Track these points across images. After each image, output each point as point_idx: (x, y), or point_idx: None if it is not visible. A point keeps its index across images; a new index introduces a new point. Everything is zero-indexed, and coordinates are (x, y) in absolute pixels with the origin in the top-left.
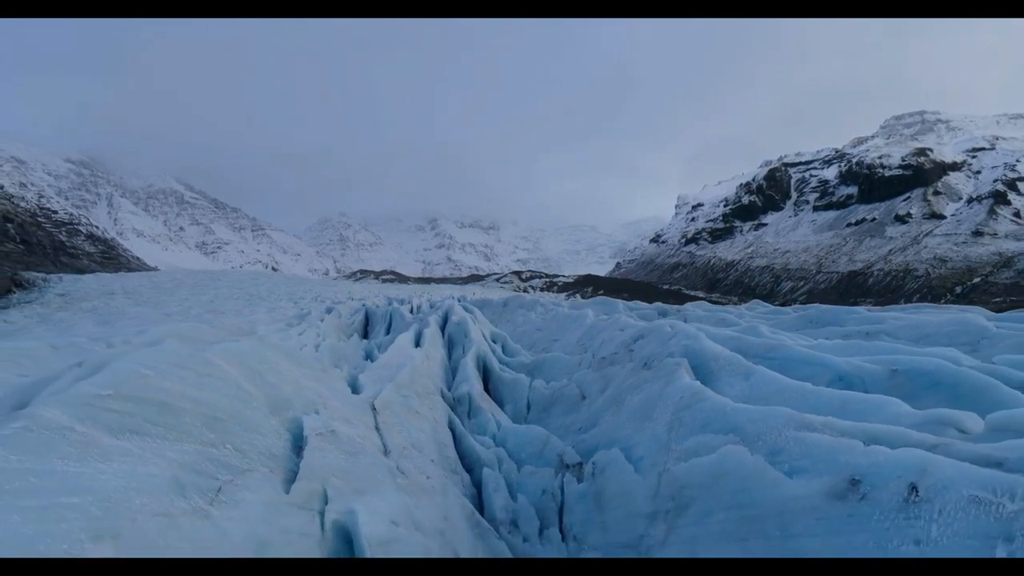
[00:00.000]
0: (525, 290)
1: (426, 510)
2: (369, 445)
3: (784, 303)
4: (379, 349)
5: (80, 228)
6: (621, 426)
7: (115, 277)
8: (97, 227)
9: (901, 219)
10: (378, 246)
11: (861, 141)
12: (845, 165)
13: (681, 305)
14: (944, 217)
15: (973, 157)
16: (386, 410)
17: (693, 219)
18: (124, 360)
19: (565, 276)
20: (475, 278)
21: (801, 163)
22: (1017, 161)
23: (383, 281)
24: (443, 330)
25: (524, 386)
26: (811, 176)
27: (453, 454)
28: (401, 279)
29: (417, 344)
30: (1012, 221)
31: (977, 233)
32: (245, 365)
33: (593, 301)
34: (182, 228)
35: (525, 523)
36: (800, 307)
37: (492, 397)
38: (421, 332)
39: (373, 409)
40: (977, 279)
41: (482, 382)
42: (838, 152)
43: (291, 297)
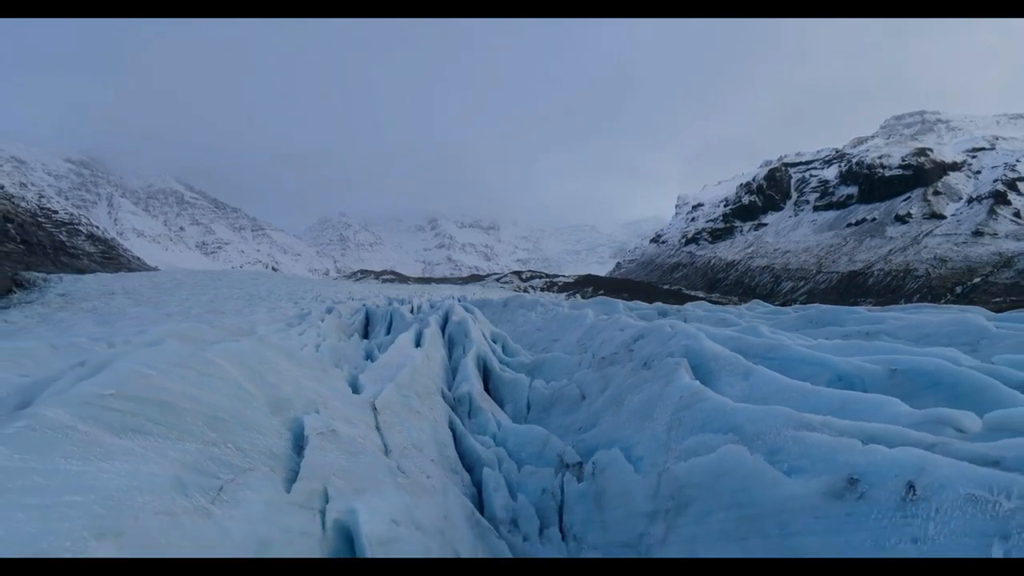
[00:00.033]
0: (525, 290)
1: (426, 509)
2: (370, 445)
3: (784, 303)
4: (379, 349)
5: (80, 228)
6: (621, 426)
7: (115, 277)
8: (97, 227)
9: (901, 219)
10: (378, 246)
11: (861, 141)
12: (845, 165)
13: (681, 305)
14: (944, 217)
15: (973, 157)
16: (386, 410)
17: (693, 219)
18: (126, 360)
19: (565, 276)
20: (475, 278)
21: (801, 163)
22: (1017, 161)
23: (383, 281)
24: (443, 330)
25: (524, 386)
26: (811, 176)
27: (453, 454)
28: (401, 279)
29: (417, 344)
30: (1012, 221)
31: (977, 233)
32: (246, 365)
33: (593, 301)
34: (182, 228)
35: (525, 522)
36: (800, 307)
37: (492, 397)
38: (421, 332)
39: (374, 409)
40: (977, 279)
41: (482, 382)
42: (838, 152)
43: (291, 297)
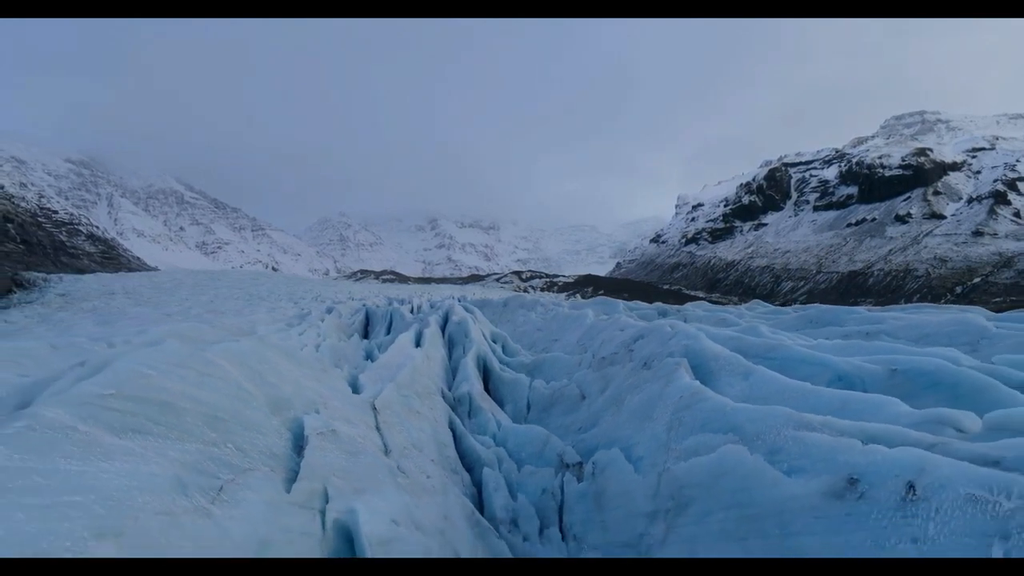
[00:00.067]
0: (525, 290)
1: (426, 509)
2: (370, 445)
3: (784, 303)
4: (379, 349)
5: (80, 228)
6: (621, 426)
7: (115, 277)
8: (97, 227)
9: (901, 219)
10: (378, 246)
11: (861, 141)
12: (845, 165)
13: (681, 305)
14: (944, 217)
15: (973, 157)
16: (386, 410)
17: (693, 219)
18: (126, 360)
19: (565, 276)
20: (475, 278)
21: (801, 163)
22: (1017, 161)
23: (383, 281)
24: (443, 330)
25: (524, 386)
26: (811, 176)
27: (453, 454)
28: (401, 279)
29: (417, 344)
30: (1012, 221)
31: (977, 233)
32: (246, 365)
33: (593, 301)
34: (182, 228)
35: (525, 522)
36: (800, 307)
37: (492, 397)
38: (421, 332)
39: (374, 409)
40: (977, 279)
41: (482, 382)
42: (838, 152)
43: (291, 297)
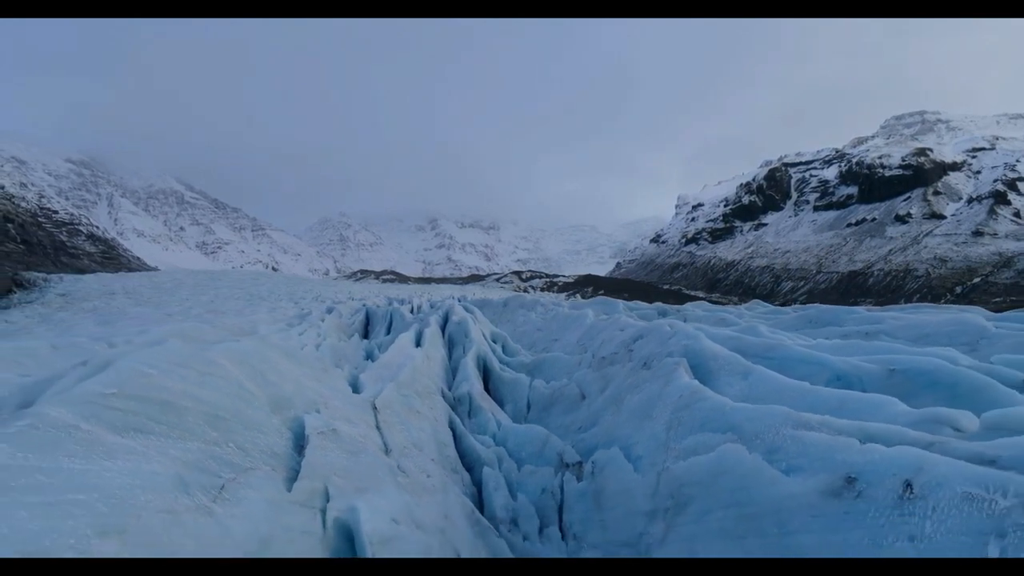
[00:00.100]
0: (525, 290)
1: (427, 508)
2: (370, 444)
3: (784, 303)
4: (380, 349)
5: (80, 228)
6: (621, 425)
7: (116, 277)
8: (97, 227)
9: (901, 219)
10: (378, 246)
11: (861, 141)
12: (845, 165)
13: (681, 305)
14: (944, 217)
15: (973, 157)
16: (387, 409)
17: (693, 219)
18: (127, 359)
19: (565, 276)
20: (475, 278)
21: (801, 163)
22: (1017, 161)
23: (383, 281)
24: (443, 330)
25: (524, 386)
26: (811, 176)
27: (453, 453)
28: (401, 279)
29: (418, 344)
30: (1012, 221)
31: (977, 233)
32: (247, 364)
33: (593, 301)
34: (182, 228)
35: (525, 522)
36: (800, 307)
37: (492, 397)
38: (422, 332)
39: (374, 408)
40: (977, 279)
41: (482, 382)
42: (838, 152)
43: (291, 297)
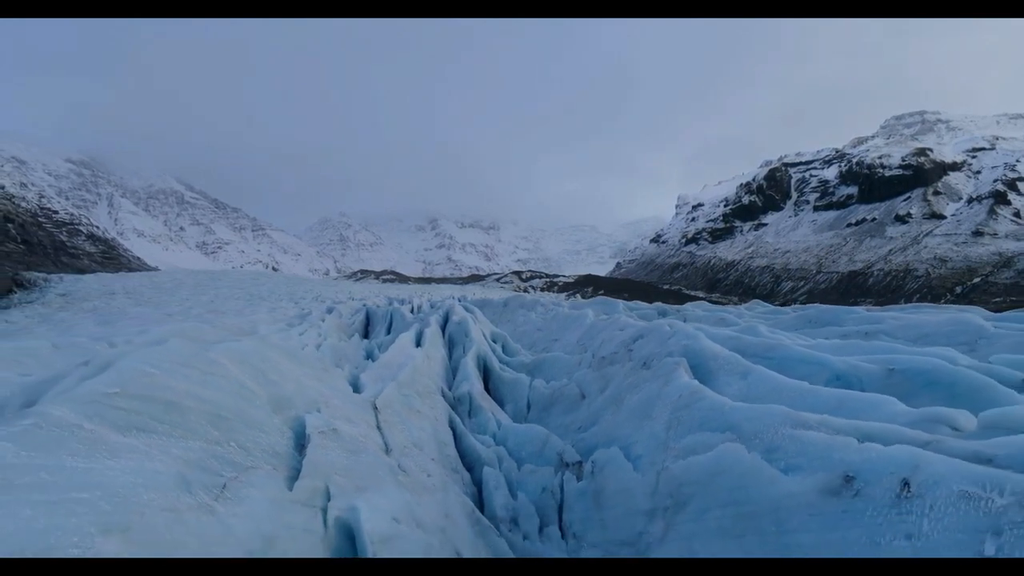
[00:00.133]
0: (525, 290)
1: (427, 507)
2: (370, 443)
3: (784, 303)
4: (380, 349)
5: (81, 228)
6: (620, 425)
7: (116, 277)
8: (98, 227)
9: (901, 219)
10: (378, 246)
11: (861, 141)
12: (845, 165)
13: (681, 305)
14: (944, 217)
15: (973, 157)
16: (387, 409)
17: (693, 219)
18: (130, 359)
19: (565, 276)
20: (475, 278)
21: (801, 163)
22: (1017, 161)
23: (383, 281)
24: (444, 330)
25: (524, 385)
26: (811, 176)
27: (454, 453)
28: (401, 279)
29: (418, 344)
30: (1012, 221)
31: (977, 233)
32: (248, 364)
33: (593, 301)
34: (182, 228)
35: (525, 521)
36: (799, 307)
37: (492, 396)
38: (422, 332)
39: (374, 408)
40: (977, 279)
41: (482, 382)
42: (838, 152)
43: (292, 297)
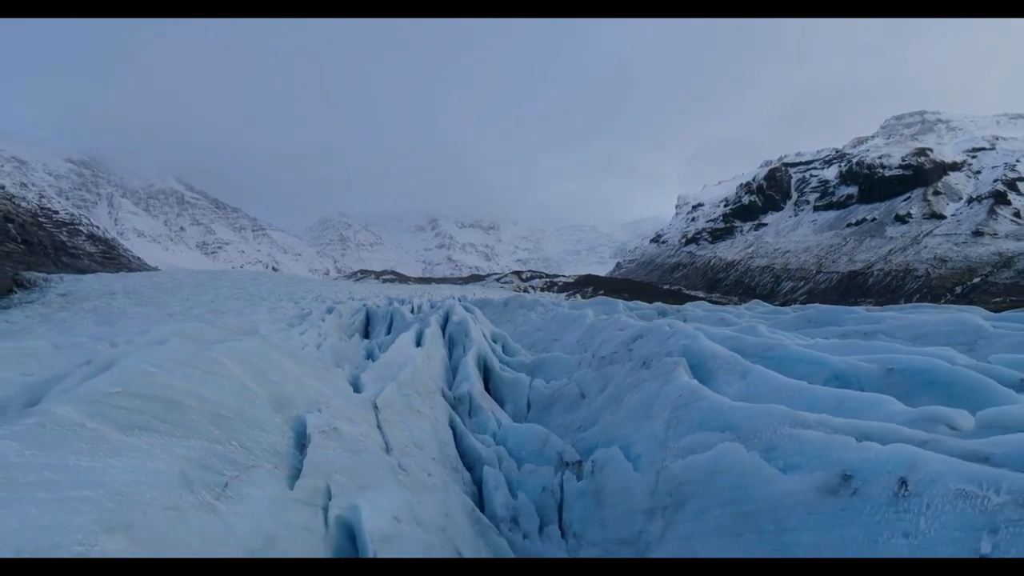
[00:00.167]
0: (525, 290)
1: (427, 506)
2: (371, 443)
3: (784, 303)
4: (380, 349)
5: (81, 228)
6: (620, 424)
7: (116, 277)
8: (98, 227)
9: (901, 219)
10: (378, 246)
11: (861, 141)
12: (845, 165)
13: (681, 305)
14: (944, 217)
15: (973, 157)
16: (388, 408)
17: (693, 219)
18: (131, 358)
19: (565, 276)
20: (475, 278)
21: (801, 163)
22: (1017, 161)
23: (384, 281)
24: (444, 330)
25: (524, 385)
26: (811, 176)
27: (454, 452)
28: (401, 279)
29: (418, 344)
30: (1012, 221)
31: (977, 233)
32: (249, 364)
33: (593, 301)
34: (183, 228)
35: (525, 520)
36: (799, 307)
37: (492, 396)
38: (422, 332)
39: (375, 407)
40: (977, 279)
41: (483, 381)
42: (838, 152)
43: (292, 297)
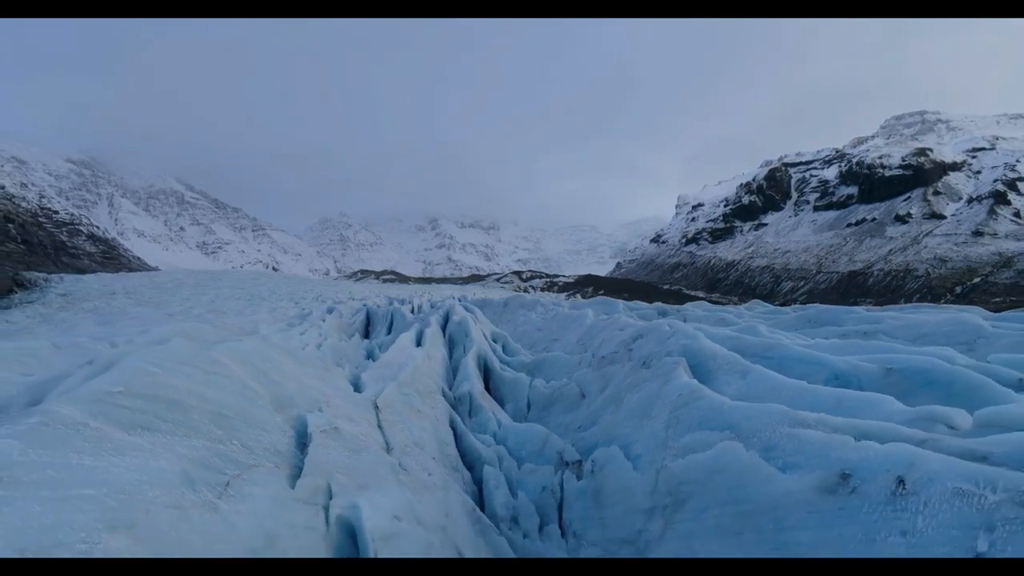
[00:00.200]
0: (525, 290)
1: (428, 506)
2: (372, 442)
3: (784, 303)
4: (380, 348)
5: (81, 228)
6: (620, 424)
7: (116, 277)
8: (98, 227)
9: (901, 219)
10: (378, 246)
11: (861, 141)
12: (845, 165)
13: (681, 305)
14: (944, 217)
15: (973, 157)
16: (388, 408)
17: (693, 219)
18: (133, 358)
19: (565, 276)
20: (475, 278)
21: (801, 163)
22: (1017, 161)
23: (384, 281)
24: (444, 330)
25: (524, 385)
26: (811, 176)
27: (454, 452)
28: (402, 279)
29: (418, 343)
30: (1012, 221)
31: (977, 233)
32: (250, 364)
33: (593, 301)
34: (183, 228)
35: (525, 519)
36: (799, 307)
37: (493, 396)
38: (422, 332)
39: (375, 407)
40: (977, 279)
41: (483, 381)
42: (838, 152)
43: (292, 297)
